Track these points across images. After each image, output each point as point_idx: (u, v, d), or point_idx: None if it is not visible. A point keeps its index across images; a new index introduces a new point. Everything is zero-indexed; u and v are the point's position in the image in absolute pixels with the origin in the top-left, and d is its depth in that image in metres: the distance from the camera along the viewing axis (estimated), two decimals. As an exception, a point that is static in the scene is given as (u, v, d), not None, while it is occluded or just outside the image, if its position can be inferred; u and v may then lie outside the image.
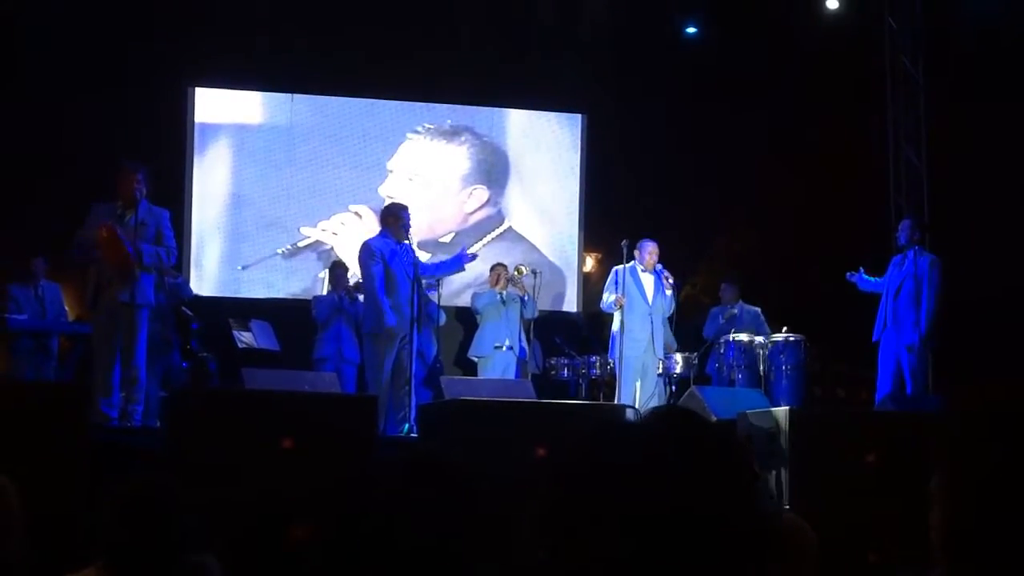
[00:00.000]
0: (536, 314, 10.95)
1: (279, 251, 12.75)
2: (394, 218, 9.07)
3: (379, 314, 8.71)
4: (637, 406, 9.46)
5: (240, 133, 12.80)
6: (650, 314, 9.81)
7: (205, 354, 10.29)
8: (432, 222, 12.94)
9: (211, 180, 12.72)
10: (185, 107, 12.64)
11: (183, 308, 10.24)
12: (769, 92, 12.45)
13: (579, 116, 13.62)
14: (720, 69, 12.64)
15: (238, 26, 12.09)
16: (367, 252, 8.94)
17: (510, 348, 10.72)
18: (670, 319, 10.28)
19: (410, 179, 13.04)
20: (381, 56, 12.50)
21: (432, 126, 13.28)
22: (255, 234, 12.72)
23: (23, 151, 11.31)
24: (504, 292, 10.98)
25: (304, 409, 6.11)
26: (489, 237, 13.27)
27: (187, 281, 10.91)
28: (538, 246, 13.39)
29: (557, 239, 13.51)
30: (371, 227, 11.59)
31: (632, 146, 12.95)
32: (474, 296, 11.38)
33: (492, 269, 11.38)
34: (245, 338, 10.78)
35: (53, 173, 11.16)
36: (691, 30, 13.49)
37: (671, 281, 9.89)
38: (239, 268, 12.55)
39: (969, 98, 11.68)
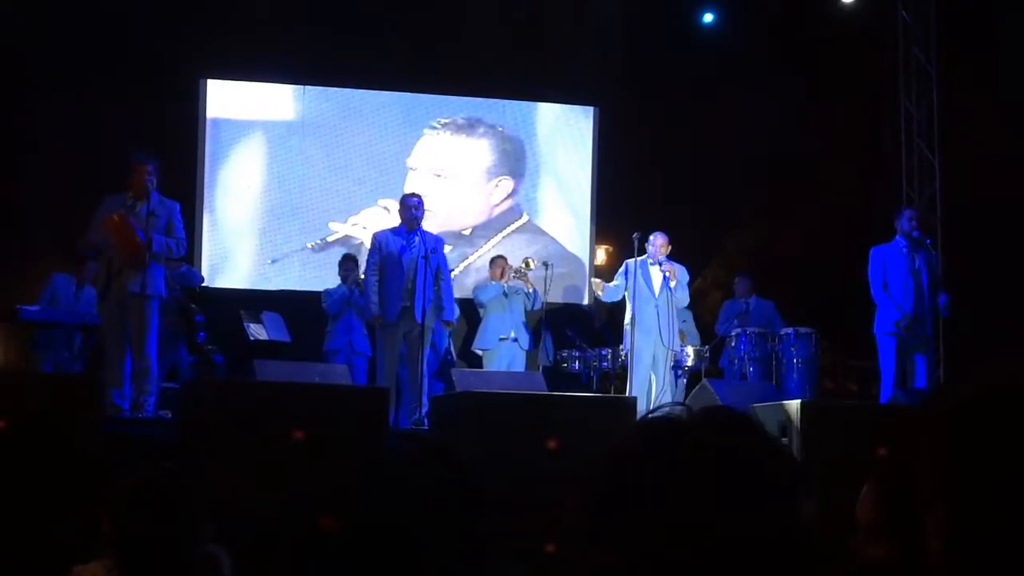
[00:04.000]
0: (540, 306, 10.90)
1: (308, 245, 12.74)
2: (402, 208, 9.25)
3: (366, 304, 9.24)
4: (651, 399, 9.46)
5: (256, 128, 12.77)
6: (656, 306, 9.79)
7: (210, 347, 10.28)
8: (459, 215, 12.94)
9: (226, 175, 12.69)
10: (198, 99, 12.64)
11: (189, 301, 10.20)
12: (782, 84, 12.42)
13: (592, 109, 13.60)
14: (733, 61, 12.60)
15: (250, 17, 12.08)
16: (371, 242, 9.32)
17: (515, 340, 10.70)
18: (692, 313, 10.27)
19: (437, 175, 13.00)
20: (393, 47, 12.48)
21: (447, 120, 13.24)
22: (277, 230, 12.69)
23: (36, 143, 11.35)
24: (507, 285, 10.94)
25: (316, 400, 6.12)
26: (508, 230, 13.26)
27: (190, 267, 10.71)
28: (555, 238, 13.38)
29: (571, 232, 13.49)
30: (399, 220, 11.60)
31: (644, 138, 12.92)
32: (477, 289, 11.33)
33: (493, 262, 11.29)
34: (256, 330, 10.78)
35: (67, 165, 11.19)
36: (708, 18, 13.41)
37: (671, 274, 9.84)
38: (268, 262, 12.51)
39: (982, 91, 11.65)
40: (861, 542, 2.61)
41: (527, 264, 10.95)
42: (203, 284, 10.85)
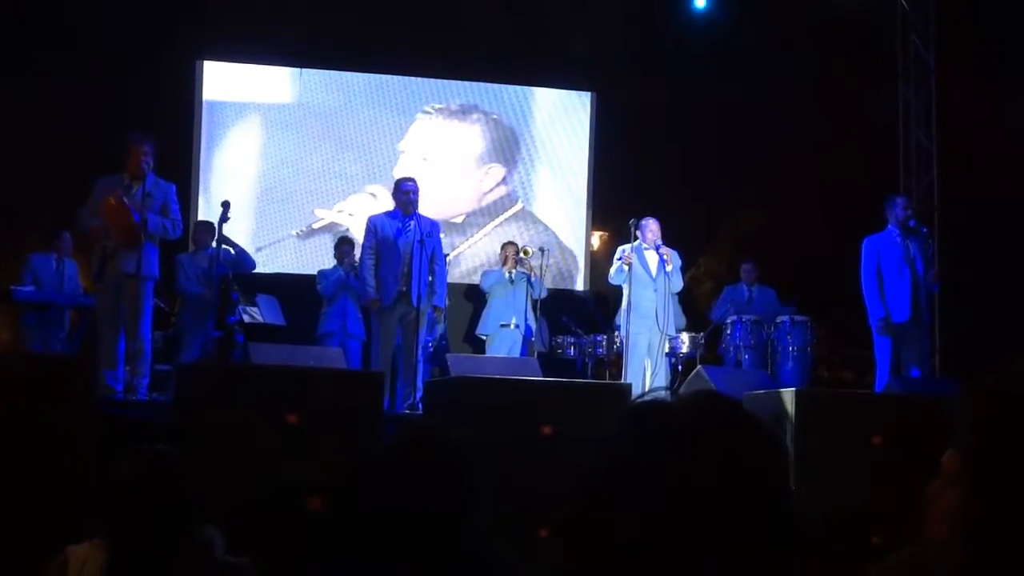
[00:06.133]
0: (544, 294, 10.94)
1: (294, 233, 12.72)
2: (396, 192, 9.25)
3: (363, 287, 9.22)
4: (646, 386, 9.46)
5: (249, 110, 12.75)
6: (655, 290, 9.79)
7: (236, 327, 10.24)
8: (449, 202, 12.92)
9: (222, 158, 12.67)
10: (193, 81, 12.60)
11: (232, 281, 10.16)
12: (780, 72, 12.39)
13: (589, 94, 13.57)
14: (731, 49, 12.57)
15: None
16: (366, 227, 9.26)
17: (517, 326, 10.72)
18: (678, 296, 10.27)
19: (424, 159, 12.99)
20: (390, 31, 12.45)
21: (441, 105, 13.22)
22: (269, 213, 12.68)
23: (34, 127, 11.31)
24: (512, 271, 10.98)
25: (311, 384, 6.10)
26: (502, 217, 13.25)
27: (244, 251, 10.48)
28: (550, 225, 13.36)
29: (567, 218, 13.48)
30: (386, 207, 11.58)
31: (642, 125, 12.89)
32: (482, 275, 11.45)
33: (503, 248, 11.41)
34: (251, 313, 10.76)
35: (64, 148, 11.15)
36: (700, 3, 13.35)
37: (668, 257, 9.84)
38: (254, 250, 12.48)
39: (980, 80, 11.63)
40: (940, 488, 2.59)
41: (525, 252, 10.98)
42: (255, 267, 10.71)
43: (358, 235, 11.61)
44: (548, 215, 13.42)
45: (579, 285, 13.36)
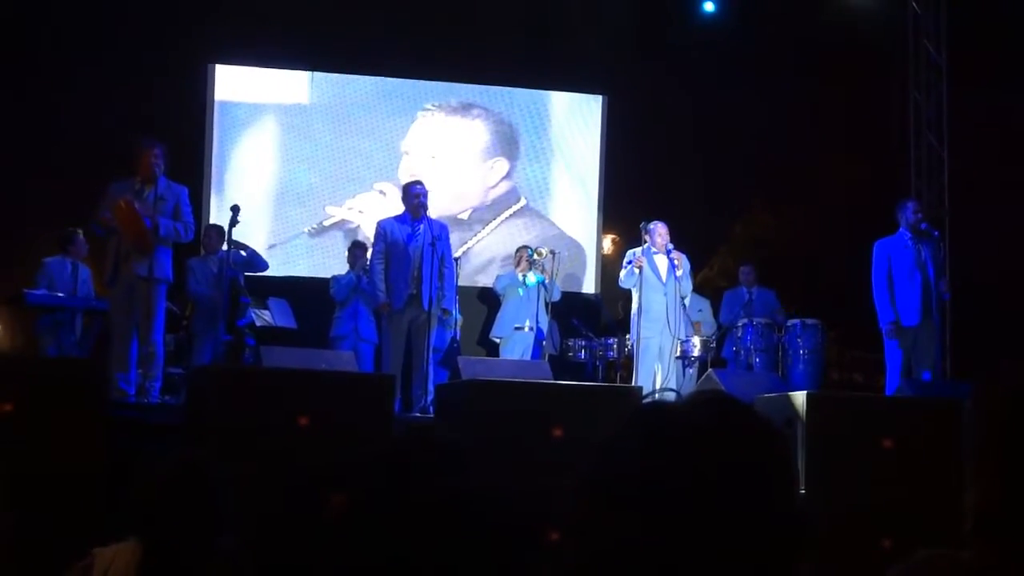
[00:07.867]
0: (559, 296, 10.95)
1: (305, 230, 12.76)
2: (405, 196, 9.27)
3: (373, 292, 9.25)
4: (656, 388, 9.45)
5: (261, 112, 12.79)
6: (665, 294, 9.79)
7: (246, 330, 10.26)
8: (455, 198, 12.94)
9: (234, 158, 12.71)
10: (205, 85, 12.64)
11: (242, 285, 10.20)
12: (790, 75, 12.38)
13: (600, 97, 13.57)
14: (743, 52, 12.57)
15: (257, 3, 12.08)
16: (375, 231, 9.31)
17: (531, 329, 10.72)
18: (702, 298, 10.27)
19: (432, 157, 13.02)
20: (399, 34, 12.47)
21: (441, 103, 13.24)
22: (281, 213, 12.72)
23: (45, 129, 11.35)
24: (526, 274, 10.98)
25: (322, 387, 6.11)
26: (506, 214, 13.26)
27: (256, 253, 10.61)
28: (561, 227, 13.37)
29: (575, 219, 13.47)
30: (396, 204, 11.60)
31: (652, 127, 12.89)
32: (496, 277, 11.47)
33: (517, 251, 11.42)
34: (262, 316, 10.78)
35: (75, 150, 11.18)
36: (709, 7, 13.36)
37: (679, 261, 9.83)
38: (267, 248, 12.52)
39: (991, 83, 11.61)
40: None
41: (539, 253, 10.97)
42: (267, 267, 10.80)
43: (369, 232, 11.65)
44: (556, 215, 13.43)
45: (587, 288, 13.35)
